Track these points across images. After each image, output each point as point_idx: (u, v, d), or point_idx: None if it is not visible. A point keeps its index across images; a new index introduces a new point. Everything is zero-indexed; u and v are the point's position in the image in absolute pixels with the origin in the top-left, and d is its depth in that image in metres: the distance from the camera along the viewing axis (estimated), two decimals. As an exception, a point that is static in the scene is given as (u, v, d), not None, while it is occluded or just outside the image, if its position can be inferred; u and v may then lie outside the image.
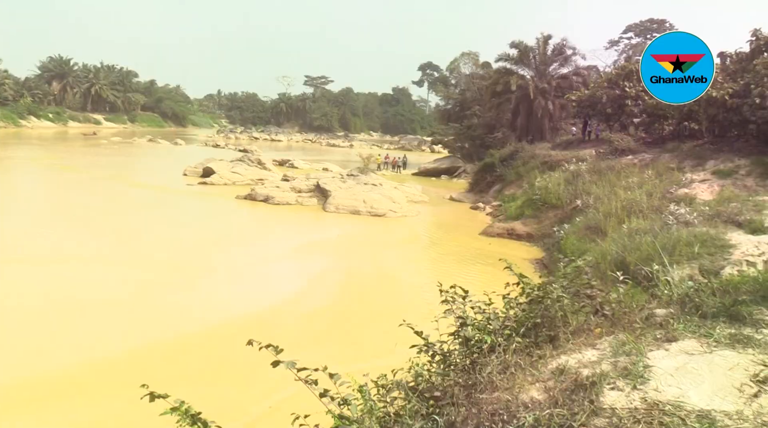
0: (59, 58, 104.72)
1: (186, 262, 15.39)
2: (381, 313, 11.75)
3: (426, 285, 12.27)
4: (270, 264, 15.88)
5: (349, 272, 15.65)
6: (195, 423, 2.58)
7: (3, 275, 13.19)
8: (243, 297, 12.78)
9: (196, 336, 10.19)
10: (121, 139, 73.07)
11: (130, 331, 10.31)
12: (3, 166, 39.79)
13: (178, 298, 12.40)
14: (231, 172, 33.95)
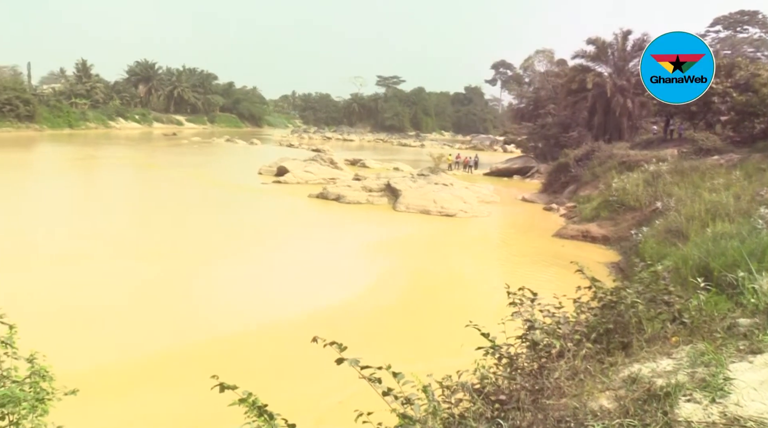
0: (145, 62, 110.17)
1: (258, 259, 15.86)
2: (447, 313, 11.68)
3: (494, 287, 12.11)
4: (340, 262, 16.11)
5: (417, 271, 15.65)
6: (261, 414, 2.65)
7: (98, 269, 14.05)
8: (313, 293, 13.03)
9: (268, 330, 10.48)
10: (201, 139, 76.15)
11: (203, 324, 10.74)
12: (95, 165, 42.41)
13: (251, 293, 12.80)
14: (304, 171, 34.67)
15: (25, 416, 2.39)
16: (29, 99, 69.63)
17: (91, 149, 54.39)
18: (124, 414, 7.44)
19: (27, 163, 43.74)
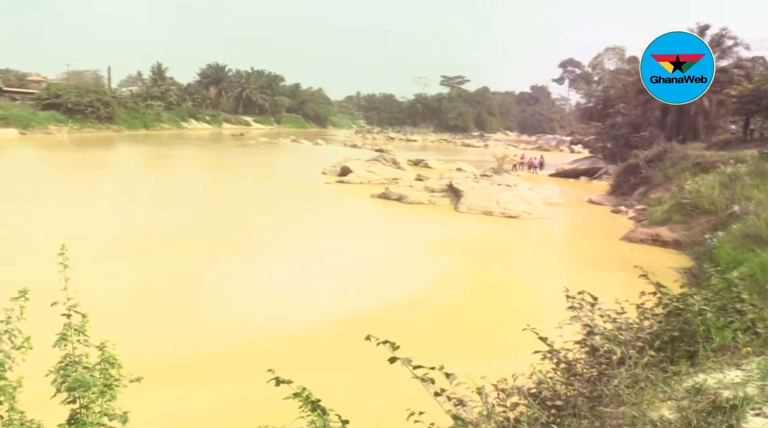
0: (216, 65, 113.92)
1: (319, 257, 16.11)
2: (505, 315, 11.52)
3: (555, 290, 11.83)
4: (400, 262, 16.15)
5: (477, 272, 15.50)
6: (315, 409, 2.70)
7: (168, 263, 14.67)
8: (373, 291, 13.13)
9: (328, 328, 10.64)
10: (268, 139, 78.03)
11: (264, 320, 11.02)
12: (169, 164, 44.25)
13: (311, 291, 13.03)
14: (367, 171, 34.96)
15: (95, 400, 2.54)
16: (109, 101, 73.35)
17: (164, 149, 56.77)
18: (184, 403, 7.75)
19: (108, 161, 46.12)
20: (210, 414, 7.58)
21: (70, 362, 2.58)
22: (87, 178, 33.63)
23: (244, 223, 20.76)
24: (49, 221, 19.24)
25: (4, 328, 2.40)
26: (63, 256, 2.72)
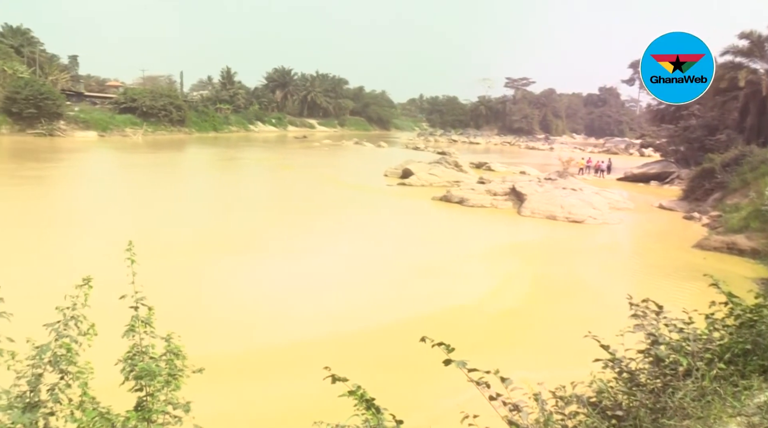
0: (282, 69, 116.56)
1: (379, 259, 16.21)
2: (566, 322, 11.23)
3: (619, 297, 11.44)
4: (461, 265, 16.04)
5: (539, 277, 15.19)
6: (369, 408, 2.73)
7: (232, 261, 15.14)
8: (432, 294, 13.09)
9: (388, 329, 10.69)
10: (331, 141, 79.17)
11: (325, 318, 11.18)
12: (237, 165, 45.61)
13: (372, 291, 13.13)
14: (428, 173, 34.90)
15: (160, 389, 2.66)
16: (181, 105, 76.38)
17: (232, 151, 58.56)
18: (241, 397, 7.96)
19: (179, 162, 48.04)
20: (266, 409, 7.77)
21: (138, 352, 2.71)
22: (160, 178, 35.14)
23: (305, 224, 21.15)
24: (123, 218, 20.23)
25: (70, 314, 2.55)
26: (131, 252, 2.86)
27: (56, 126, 60.86)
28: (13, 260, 14.14)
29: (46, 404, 2.41)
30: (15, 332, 2.53)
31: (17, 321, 2.56)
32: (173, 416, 2.70)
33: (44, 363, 2.43)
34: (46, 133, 59.05)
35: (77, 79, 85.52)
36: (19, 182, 30.58)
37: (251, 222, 21.18)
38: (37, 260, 14.36)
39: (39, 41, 76.96)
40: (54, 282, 9.94)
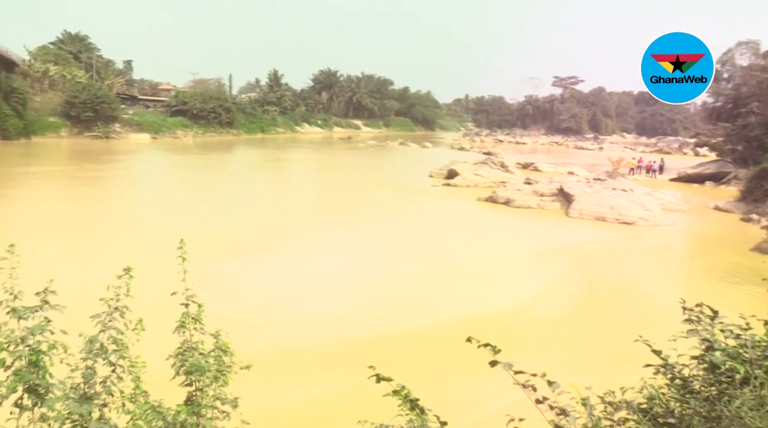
0: (328, 71, 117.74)
1: (426, 258, 16.17)
2: (616, 325, 10.96)
3: (671, 301, 11.11)
4: (507, 267, 15.85)
5: (588, 280, 14.88)
6: (413, 408, 2.73)
7: (284, 259, 15.38)
8: (478, 295, 12.98)
9: (433, 328, 10.67)
10: (376, 142, 79.50)
11: (369, 317, 11.22)
12: (284, 166, 46.34)
13: (417, 291, 13.10)
14: (474, 174, 34.64)
15: (209, 385, 2.72)
16: (230, 107, 78.11)
17: (279, 152, 59.49)
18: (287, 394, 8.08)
19: (228, 163, 49.10)
20: (310, 407, 7.85)
21: (188, 348, 2.78)
22: (210, 179, 36.00)
23: (350, 224, 21.30)
24: (176, 217, 20.80)
25: (114, 305, 2.63)
26: (182, 250, 2.94)
27: (112, 128, 63.15)
28: (71, 256, 14.73)
29: (100, 396, 2.50)
30: (69, 325, 2.63)
31: (72, 314, 2.66)
32: (221, 411, 2.76)
33: (93, 355, 2.52)
34: (102, 135, 61.34)
35: (131, 83, 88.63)
36: (79, 183, 31.85)
37: (297, 222, 21.48)
38: (93, 256, 14.90)
39: (96, 47, 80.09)
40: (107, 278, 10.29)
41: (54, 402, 2.39)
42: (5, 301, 2.43)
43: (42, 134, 58.23)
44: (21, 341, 2.38)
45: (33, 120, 58.00)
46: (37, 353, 2.41)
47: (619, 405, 3.29)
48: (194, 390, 2.73)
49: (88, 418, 2.40)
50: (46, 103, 61.41)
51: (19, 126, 55.49)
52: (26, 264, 2.62)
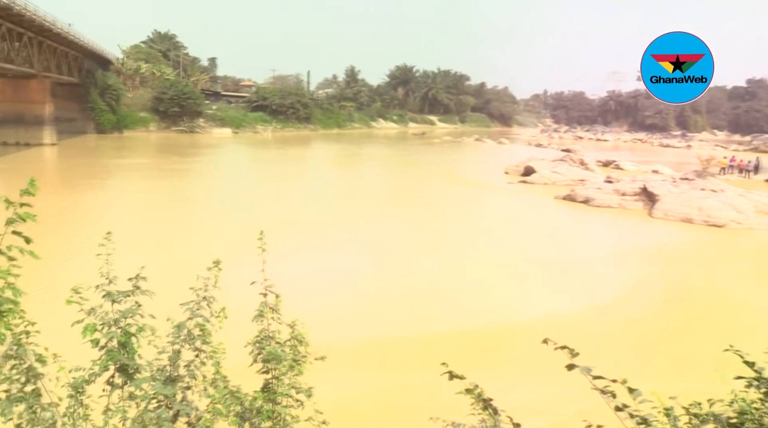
0: (404, 66, 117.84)
1: (502, 257, 15.94)
2: (703, 333, 10.39)
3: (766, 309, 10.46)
4: (586, 267, 15.37)
5: (673, 283, 14.20)
6: (486, 408, 2.68)
7: (360, 255, 15.60)
8: (555, 295, 12.68)
9: (508, 327, 10.53)
10: (451, 138, 78.98)
11: (443, 314, 11.19)
12: (360, 161, 46.91)
13: (492, 289, 12.94)
14: (551, 171, 33.77)
15: (285, 373, 2.78)
16: (307, 103, 79.81)
17: (355, 147, 60.23)
18: (360, 386, 8.17)
19: (306, 157, 50.23)
20: (382, 400, 7.92)
21: (265, 336, 2.86)
22: (288, 172, 36.96)
23: (424, 220, 21.29)
24: (256, 209, 21.49)
25: (202, 295, 2.74)
26: (262, 241, 3.02)
27: (196, 123, 65.99)
28: (159, 244, 15.52)
29: (184, 379, 2.62)
30: (157, 310, 2.76)
31: (159, 300, 2.79)
32: (296, 400, 2.81)
33: (180, 340, 2.63)
34: (187, 129, 64.22)
35: (215, 79, 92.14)
36: (166, 175, 33.52)
37: (372, 218, 21.68)
38: (178, 245, 15.65)
39: (183, 45, 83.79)
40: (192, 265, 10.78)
41: (141, 382, 2.52)
42: (101, 285, 2.58)
43: (133, 128, 61.65)
44: (114, 323, 2.52)
45: (125, 115, 61.50)
46: (127, 335, 2.55)
47: (705, 418, 3.12)
48: (270, 377, 2.80)
49: (173, 399, 2.51)
50: (137, 99, 64.97)
51: (112, 120, 59.06)
52: (120, 250, 2.77)
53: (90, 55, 58.64)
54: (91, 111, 57.42)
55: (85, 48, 55.16)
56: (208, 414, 2.59)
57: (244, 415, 2.71)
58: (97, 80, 58.41)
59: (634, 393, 2.92)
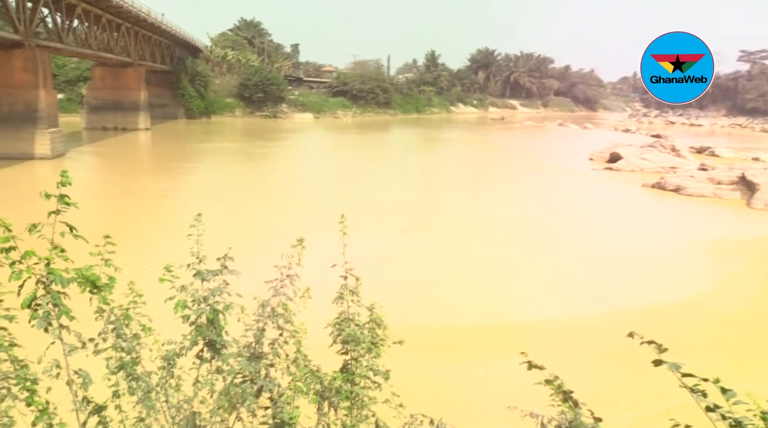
0: (485, 50, 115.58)
1: (585, 246, 15.47)
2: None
3: None
4: (676, 258, 14.65)
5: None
6: (566, 400, 2.62)
7: (440, 242, 15.60)
8: (641, 287, 12.20)
9: (592, 318, 10.24)
10: (533, 123, 76.99)
11: (524, 303, 11.00)
12: (440, 146, 46.66)
13: (574, 279, 12.59)
14: (639, 158, 32.26)
15: (363, 355, 2.83)
16: (387, 88, 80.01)
17: (434, 132, 59.91)
18: (436, 371, 8.18)
19: (386, 142, 50.50)
20: (459, 385, 7.90)
21: (345, 318, 2.91)
22: (368, 156, 37.31)
23: (505, 207, 20.94)
24: (337, 192, 21.88)
25: (286, 273, 2.81)
26: (342, 225, 3.06)
27: (279, 108, 67.75)
28: (244, 224, 16.11)
29: (268, 356, 2.71)
30: (244, 289, 2.87)
31: (247, 279, 2.90)
32: (373, 381, 2.85)
33: (265, 317, 2.72)
34: (271, 115, 66.06)
35: (298, 65, 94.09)
36: (250, 158, 34.70)
37: (451, 203, 21.56)
38: (262, 225, 16.19)
39: (267, 32, 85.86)
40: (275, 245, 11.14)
41: (228, 358, 2.64)
42: (192, 264, 2.71)
43: (220, 114, 64.10)
44: (203, 300, 2.65)
45: (212, 101, 64.01)
46: (215, 312, 2.67)
47: (809, 424, 2.90)
48: (349, 359, 2.85)
49: (257, 376, 2.61)
50: (223, 85, 67.43)
51: (201, 106, 61.63)
52: (208, 231, 2.89)
53: (181, 43, 61.34)
54: (181, 97, 60.16)
55: (177, 37, 57.73)
56: (289, 390, 2.68)
57: (324, 394, 2.78)
58: (187, 67, 61.06)
59: (727, 393, 2.75)
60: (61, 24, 33.47)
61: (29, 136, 28.94)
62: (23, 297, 2.16)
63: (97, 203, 18.64)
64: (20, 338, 2.19)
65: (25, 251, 2.11)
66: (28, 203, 5.57)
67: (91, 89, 48.74)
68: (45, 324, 2.16)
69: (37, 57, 29.84)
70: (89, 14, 36.69)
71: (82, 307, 2.32)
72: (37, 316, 2.15)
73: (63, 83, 54.99)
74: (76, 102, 53.13)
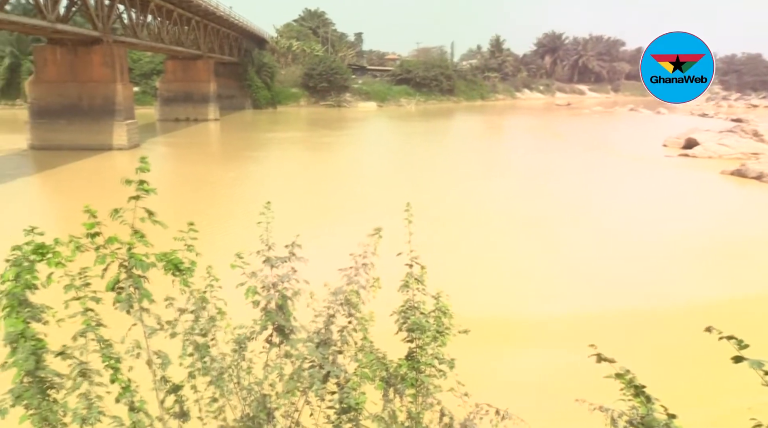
0: (552, 34, 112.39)
1: (660, 236, 14.96)
2: None
3: None
4: (758, 249, 13.88)
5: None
6: (638, 395, 2.53)
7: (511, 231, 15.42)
8: (720, 279, 11.70)
9: (668, 311, 9.94)
10: (602, 108, 74.49)
11: (599, 294, 10.75)
12: (504, 133, 45.94)
13: (650, 271, 12.20)
14: (718, 143, 30.66)
15: (428, 343, 2.83)
16: (450, 75, 79.22)
17: (498, 118, 59.00)
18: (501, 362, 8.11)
19: (449, 130, 50.14)
20: (525, 377, 7.79)
21: (410, 306, 2.92)
22: (433, 145, 37.14)
23: (576, 195, 20.45)
24: (403, 182, 21.93)
25: (361, 262, 2.83)
26: (408, 213, 3.06)
27: (343, 97, 68.38)
28: (312, 214, 16.41)
29: (336, 343, 2.76)
30: (312, 275, 2.92)
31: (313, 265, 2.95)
32: (438, 370, 2.85)
33: (337, 304, 2.76)
34: (335, 104, 66.80)
35: (361, 54, 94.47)
36: (316, 147, 35.28)
37: (518, 191, 21.22)
38: (331, 215, 16.45)
39: (331, 22, 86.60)
40: (341, 235, 11.31)
41: (296, 343, 2.71)
42: (261, 251, 2.78)
43: (285, 104, 65.33)
44: (272, 286, 2.72)
45: (278, 91, 65.29)
46: (284, 298, 2.74)
47: None
48: (415, 347, 2.87)
49: (325, 361, 2.66)
50: (289, 76, 68.62)
51: (267, 96, 62.98)
52: (277, 219, 2.96)
53: (248, 35, 62.79)
54: (248, 88, 61.66)
55: (244, 29, 59.12)
56: (355, 377, 2.72)
57: (389, 381, 2.80)
58: (254, 59, 62.47)
59: (816, 393, 2.60)
60: (135, 19, 34.96)
61: (108, 127, 30.48)
62: (106, 279, 2.28)
63: (172, 191, 19.44)
64: (105, 319, 2.32)
65: (109, 237, 2.22)
66: (110, 190, 5.87)
67: (163, 82, 50.74)
68: (127, 307, 2.28)
69: (115, 52, 31.32)
70: (162, 9, 38.13)
71: (158, 293, 2.43)
72: (122, 299, 2.27)
73: (138, 77, 57.39)
74: (150, 94, 55.43)
